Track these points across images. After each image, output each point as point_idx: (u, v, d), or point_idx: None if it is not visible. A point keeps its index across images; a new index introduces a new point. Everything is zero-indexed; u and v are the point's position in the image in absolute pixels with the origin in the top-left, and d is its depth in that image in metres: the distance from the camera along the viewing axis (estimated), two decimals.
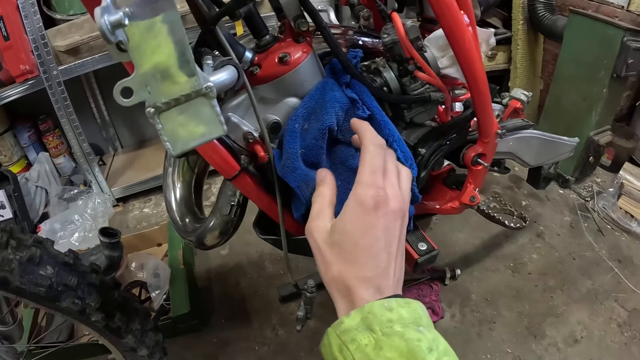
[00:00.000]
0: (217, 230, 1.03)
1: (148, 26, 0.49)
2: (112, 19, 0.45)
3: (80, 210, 2.11)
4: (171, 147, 0.57)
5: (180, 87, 0.54)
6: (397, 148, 0.84)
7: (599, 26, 2.08)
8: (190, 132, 0.57)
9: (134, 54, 0.49)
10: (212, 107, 0.56)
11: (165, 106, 0.54)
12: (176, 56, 0.51)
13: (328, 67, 0.90)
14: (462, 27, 0.85)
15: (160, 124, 0.56)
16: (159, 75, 0.52)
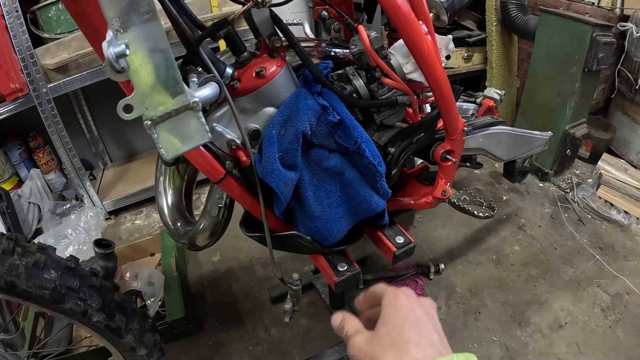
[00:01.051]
0: (208, 231, 1.16)
1: (145, 55, 0.62)
2: (116, 50, 0.59)
3: (73, 225, 2.22)
4: (165, 152, 0.70)
5: (172, 103, 0.67)
6: (366, 148, 0.97)
7: (568, 23, 2.23)
8: (181, 139, 0.70)
9: (133, 77, 0.63)
10: (198, 119, 0.70)
11: (160, 119, 0.68)
12: (168, 78, 0.65)
13: (302, 78, 1.04)
14: (420, 36, 0.99)
15: (156, 134, 0.69)
16: (154, 94, 0.65)
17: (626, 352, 1.67)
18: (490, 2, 2.63)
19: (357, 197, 1.03)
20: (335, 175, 1.02)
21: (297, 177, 0.96)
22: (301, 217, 1.05)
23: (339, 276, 1.16)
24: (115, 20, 0.60)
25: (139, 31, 0.62)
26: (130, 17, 0.61)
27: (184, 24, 0.91)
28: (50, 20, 2.07)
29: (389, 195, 1.07)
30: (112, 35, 0.61)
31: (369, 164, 0.98)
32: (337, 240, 1.08)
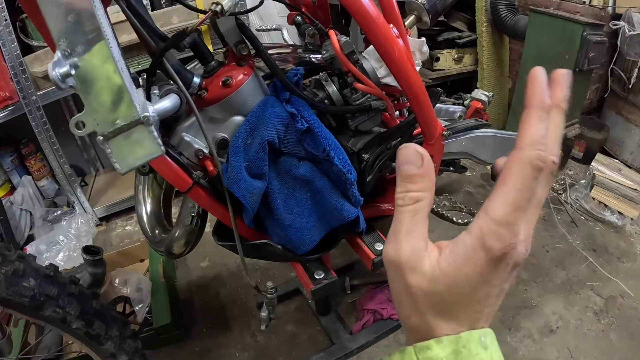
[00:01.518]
0: (183, 239, 1.16)
1: (90, 75, 0.62)
2: (61, 71, 0.60)
3: (65, 231, 2.22)
4: (119, 167, 0.70)
5: (122, 118, 0.67)
6: (335, 155, 0.96)
7: (558, 23, 2.22)
8: (134, 153, 0.70)
9: (82, 95, 0.63)
10: (150, 133, 0.69)
11: (112, 134, 0.67)
12: (116, 94, 0.65)
13: (272, 86, 1.03)
14: (391, 40, 0.97)
15: (109, 149, 0.68)
16: (103, 110, 0.65)
17: (620, 357, 1.66)
18: (480, 3, 2.62)
19: (328, 206, 1.03)
20: (305, 184, 1.01)
21: (265, 186, 0.96)
22: (272, 226, 1.04)
23: (315, 284, 1.16)
24: (62, 40, 0.61)
25: (85, 50, 0.62)
26: (75, 36, 0.61)
27: (147, 36, 0.90)
28: None
29: (361, 202, 1.06)
30: (60, 55, 0.61)
31: (338, 171, 0.98)
32: (309, 248, 1.08)
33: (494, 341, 0.39)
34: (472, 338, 0.38)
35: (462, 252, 0.37)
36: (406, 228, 0.39)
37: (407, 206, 0.39)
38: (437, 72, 2.93)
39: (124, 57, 0.72)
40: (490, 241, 0.36)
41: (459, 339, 0.38)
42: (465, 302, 0.39)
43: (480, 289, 0.38)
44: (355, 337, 1.64)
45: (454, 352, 0.38)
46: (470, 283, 0.38)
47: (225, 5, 0.82)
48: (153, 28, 0.89)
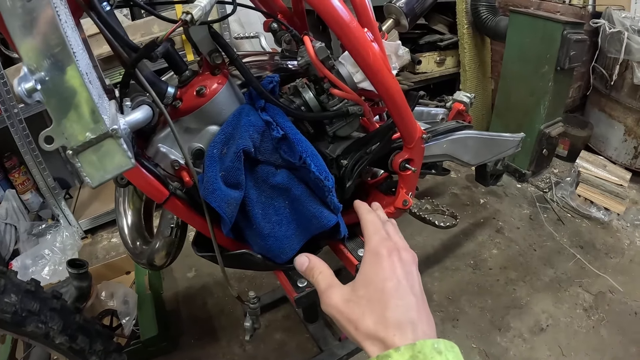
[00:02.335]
0: (163, 251, 1.15)
1: (57, 89, 0.62)
2: (27, 86, 0.60)
3: (50, 245, 2.20)
4: (90, 180, 0.69)
5: (90, 132, 0.66)
6: (311, 162, 0.96)
7: (538, 23, 2.24)
8: (105, 167, 0.69)
9: (50, 110, 0.63)
10: (119, 146, 0.68)
11: (81, 148, 0.67)
12: (83, 108, 0.64)
13: (247, 94, 1.03)
14: (365, 45, 0.97)
15: (79, 163, 0.68)
16: (71, 124, 0.65)
17: (611, 352, 1.67)
18: (461, 5, 2.64)
19: (307, 213, 1.02)
20: (283, 192, 1.01)
21: (242, 196, 0.95)
22: (251, 236, 1.03)
23: (298, 292, 1.15)
24: (29, 56, 0.60)
25: (50, 64, 0.62)
26: (41, 51, 0.61)
27: (119, 47, 0.90)
28: None
29: (340, 209, 1.06)
30: (26, 70, 0.61)
31: (315, 178, 0.97)
32: (290, 256, 1.07)
33: (452, 350, 0.46)
34: (425, 344, 0.45)
35: (364, 264, 0.55)
36: (322, 285, 0.57)
37: (314, 278, 0.59)
38: (420, 75, 2.94)
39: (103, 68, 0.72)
40: (375, 247, 0.57)
41: (414, 346, 0.45)
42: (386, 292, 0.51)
43: (389, 277, 0.52)
44: (343, 344, 1.64)
45: (411, 357, 0.44)
46: (379, 275, 0.53)
47: (196, 14, 0.81)
48: (125, 39, 0.88)
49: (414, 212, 1.28)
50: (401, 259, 0.55)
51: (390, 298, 0.50)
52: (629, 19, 2.45)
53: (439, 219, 1.29)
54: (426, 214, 1.29)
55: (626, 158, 2.73)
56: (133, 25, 2.11)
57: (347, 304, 0.52)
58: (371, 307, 0.50)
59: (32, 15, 0.60)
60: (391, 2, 1.44)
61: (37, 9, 0.59)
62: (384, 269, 0.53)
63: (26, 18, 0.59)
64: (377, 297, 0.50)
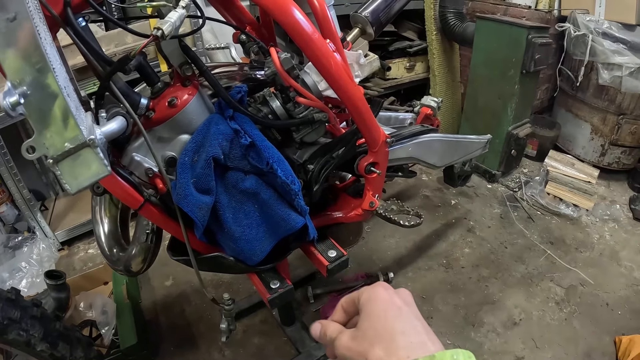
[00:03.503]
0: (140, 257, 1.21)
1: (38, 103, 0.69)
2: (11, 100, 0.67)
3: (26, 257, 2.23)
4: (69, 187, 0.77)
5: (69, 141, 0.73)
6: (278, 168, 1.04)
7: (504, 28, 2.36)
8: (83, 174, 0.77)
9: (32, 121, 0.70)
10: (96, 154, 0.76)
11: (61, 157, 0.74)
12: (62, 121, 0.72)
13: (217, 104, 1.10)
14: (327, 55, 1.06)
15: (59, 171, 0.75)
16: (51, 135, 0.72)
17: (584, 342, 1.76)
18: (430, 12, 2.76)
19: (275, 216, 1.10)
20: (252, 196, 1.08)
21: (213, 201, 1.02)
22: (223, 239, 1.10)
23: (271, 293, 1.22)
24: (12, 72, 0.67)
25: (32, 80, 0.69)
26: (23, 67, 0.68)
27: (94, 61, 0.97)
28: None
29: (307, 211, 1.14)
30: (10, 85, 0.68)
31: (282, 183, 1.05)
32: (261, 258, 1.14)
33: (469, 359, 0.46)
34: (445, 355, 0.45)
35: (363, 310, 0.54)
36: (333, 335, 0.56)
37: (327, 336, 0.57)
38: (390, 81, 3.05)
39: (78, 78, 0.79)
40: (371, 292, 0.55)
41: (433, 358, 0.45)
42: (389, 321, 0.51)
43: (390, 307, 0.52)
44: (321, 345, 1.71)
45: None
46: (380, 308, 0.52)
47: (166, 30, 0.89)
48: (100, 54, 0.95)
49: (380, 212, 1.36)
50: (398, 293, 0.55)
51: (395, 324, 0.50)
52: (593, 22, 2.58)
53: (403, 219, 1.38)
54: (392, 215, 1.37)
55: (594, 156, 2.87)
56: (107, 36, 2.16)
57: (354, 340, 0.52)
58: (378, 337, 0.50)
59: (15, 33, 0.66)
60: (357, 12, 1.54)
61: (19, 27, 0.66)
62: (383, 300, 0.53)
63: (9, 35, 0.66)
64: (381, 326, 0.50)
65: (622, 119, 2.66)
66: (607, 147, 2.79)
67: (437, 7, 2.77)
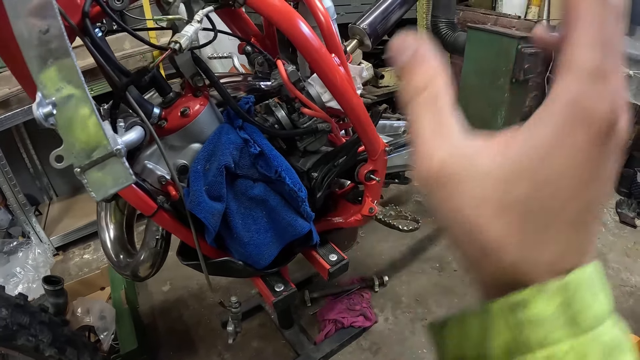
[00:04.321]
0: (148, 262, 1.26)
1: (68, 114, 0.74)
2: (44, 110, 0.71)
3: (22, 262, 2.26)
4: (95, 195, 0.82)
5: (97, 151, 0.79)
6: (286, 176, 1.10)
7: (494, 38, 2.44)
8: (108, 182, 0.82)
9: (61, 132, 0.75)
10: (122, 164, 0.81)
11: (88, 166, 0.79)
12: (92, 130, 0.77)
13: (225, 113, 1.16)
14: (332, 69, 1.12)
15: (85, 179, 0.80)
16: (80, 145, 0.77)
17: None
18: (422, 22, 2.84)
19: (283, 222, 1.16)
20: (260, 203, 1.14)
21: (224, 207, 1.08)
22: (232, 244, 1.16)
23: (276, 296, 1.28)
24: (44, 83, 0.72)
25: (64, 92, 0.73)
26: (55, 80, 0.72)
27: (110, 71, 1.02)
28: None
29: (313, 217, 1.20)
30: (41, 96, 0.72)
31: (290, 190, 1.11)
32: (268, 262, 1.20)
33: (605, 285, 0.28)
34: (582, 281, 0.26)
35: (549, 131, 0.25)
36: (429, 126, 0.29)
37: (417, 98, 0.29)
38: (382, 88, 3.14)
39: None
40: (589, 103, 0.24)
41: (566, 287, 0.26)
42: (569, 213, 0.26)
43: (589, 184, 0.26)
44: (319, 347, 1.77)
45: (563, 304, 0.25)
46: (575, 174, 0.25)
47: (184, 43, 0.94)
48: (116, 63, 1.00)
49: (380, 218, 1.42)
50: (617, 139, 0.25)
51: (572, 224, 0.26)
52: None
53: (402, 224, 1.45)
54: (391, 220, 1.44)
55: None
56: None
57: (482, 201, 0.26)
58: (535, 231, 0.26)
59: (47, 45, 0.70)
60: (355, 24, 1.61)
61: (52, 40, 0.70)
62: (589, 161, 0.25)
63: (42, 49, 0.70)
64: (553, 213, 0.25)
65: None
66: None
67: (429, 16, 2.86)
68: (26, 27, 0.69)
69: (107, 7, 0.93)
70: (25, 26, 0.69)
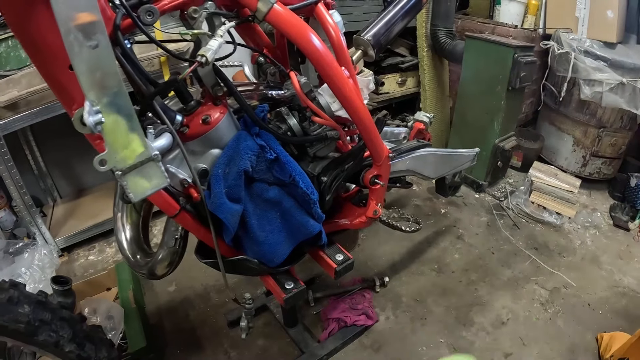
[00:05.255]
0: (166, 261, 1.36)
1: (115, 120, 0.84)
2: (95, 119, 0.81)
3: (28, 263, 2.32)
4: (133, 196, 0.92)
5: (138, 157, 0.89)
6: (299, 180, 1.21)
7: (492, 47, 2.57)
8: (145, 185, 0.92)
9: (106, 138, 0.85)
10: (159, 167, 0.92)
11: (128, 170, 0.89)
12: (134, 137, 0.87)
13: (242, 121, 1.26)
14: (342, 80, 1.24)
15: (125, 182, 0.90)
16: (123, 150, 0.87)
17: (568, 339, 1.95)
18: (421, 30, 2.97)
19: (295, 222, 1.27)
20: (275, 205, 1.25)
21: (242, 209, 1.19)
22: (248, 243, 1.27)
23: (286, 293, 1.38)
24: (91, 93, 0.81)
25: (109, 101, 0.83)
26: (102, 89, 0.82)
27: (139, 80, 1.11)
28: (0, 57, 2.19)
29: (323, 218, 1.31)
30: (90, 106, 0.82)
31: (302, 193, 1.22)
32: (281, 261, 1.31)
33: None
34: None
35: None
36: None
37: None
38: (383, 95, 3.25)
39: None
40: None
41: None
42: None
43: None
44: (323, 345, 1.87)
45: None
46: None
47: (209, 57, 1.04)
48: (145, 73, 1.09)
49: (384, 219, 1.54)
50: None
51: None
52: (576, 41, 2.80)
53: (405, 225, 1.56)
54: (394, 221, 1.55)
55: (575, 166, 3.10)
56: None
57: None
58: None
59: (97, 59, 0.79)
60: (359, 35, 1.71)
61: (101, 54, 0.79)
62: None
63: (91, 61, 0.79)
64: None
65: (602, 132, 2.89)
66: (589, 158, 3.03)
67: (428, 25, 2.99)
68: (77, 43, 0.77)
69: (139, 21, 1.02)
70: (77, 42, 0.77)
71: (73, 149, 2.78)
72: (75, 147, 2.78)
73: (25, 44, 0.90)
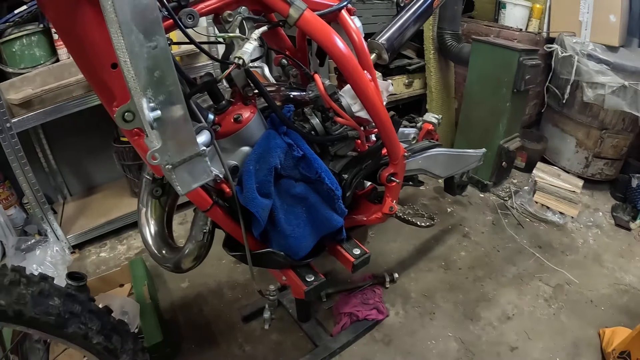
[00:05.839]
0: (194, 254, 1.43)
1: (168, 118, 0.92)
2: (154, 115, 0.87)
3: (40, 260, 2.38)
4: (181, 189, 1.00)
5: (188, 152, 0.97)
6: (325, 177, 1.30)
7: (497, 50, 2.67)
8: (192, 178, 1.00)
9: (160, 134, 0.92)
10: (205, 162, 1.00)
11: (178, 164, 0.97)
12: (186, 133, 0.95)
13: (269, 120, 1.35)
14: (365, 83, 1.33)
15: (174, 175, 0.98)
16: (175, 145, 0.94)
17: (572, 334, 2.05)
18: (428, 33, 3.07)
19: (320, 217, 1.36)
20: (301, 200, 1.34)
21: (271, 203, 1.27)
22: (275, 236, 1.35)
23: (307, 286, 1.47)
24: (148, 90, 0.87)
25: (165, 99, 0.90)
26: (159, 88, 0.88)
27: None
28: (14, 55, 2.23)
29: (346, 213, 1.40)
30: (146, 102, 0.87)
31: (328, 189, 1.31)
32: (305, 253, 1.40)
33: None
34: None
35: None
36: None
37: None
38: (390, 96, 3.31)
39: None
40: None
41: None
42: None
43: None
44: (336, 339, 1.95)
45: None
46: None
47: (246, 59, 1.13)
48: (184, 73, 1.15)
49: (399, 215, 1.63)
50: None
51: None
52: (579, 44, 2.91)
53: (420, 220, 1.65)
54: (409, 217, 1.64)
55: (578, 167, 3.21)
56: None
57: None
58: None
59: (156, 59, 0.85)
60: (374, 39, 1.80)
61: (159, 54, 0.85)
62: None
63: (151, 60, 0.85)
64: None
65: (604, 134, 3.00)
66: (591, 159, 3.13)
67: (435, 28, 3.10)
68: (138, 43, 0.83)
69: (181, 23, 1.08)
70: (138, 42, 0.82)
71: (83, 147, 2.85)
72: (86, 145, 2.85)
73: (69, 44, 0.96)
